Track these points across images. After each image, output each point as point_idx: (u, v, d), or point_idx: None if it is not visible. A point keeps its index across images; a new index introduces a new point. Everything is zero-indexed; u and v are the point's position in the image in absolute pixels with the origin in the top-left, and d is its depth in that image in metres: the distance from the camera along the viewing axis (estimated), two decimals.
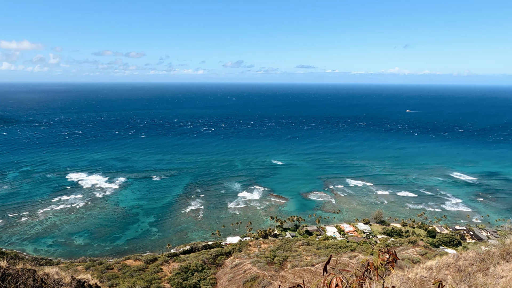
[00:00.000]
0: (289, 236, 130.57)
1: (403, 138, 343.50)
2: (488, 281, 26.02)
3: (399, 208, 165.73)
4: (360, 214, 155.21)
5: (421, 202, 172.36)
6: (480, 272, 29.85)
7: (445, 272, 34.53)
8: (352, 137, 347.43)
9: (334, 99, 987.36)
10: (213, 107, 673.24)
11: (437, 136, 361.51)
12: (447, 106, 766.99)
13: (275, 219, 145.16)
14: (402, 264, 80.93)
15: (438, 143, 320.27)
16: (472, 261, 32.57)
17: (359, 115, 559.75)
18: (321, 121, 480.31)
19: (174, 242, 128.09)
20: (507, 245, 31.48)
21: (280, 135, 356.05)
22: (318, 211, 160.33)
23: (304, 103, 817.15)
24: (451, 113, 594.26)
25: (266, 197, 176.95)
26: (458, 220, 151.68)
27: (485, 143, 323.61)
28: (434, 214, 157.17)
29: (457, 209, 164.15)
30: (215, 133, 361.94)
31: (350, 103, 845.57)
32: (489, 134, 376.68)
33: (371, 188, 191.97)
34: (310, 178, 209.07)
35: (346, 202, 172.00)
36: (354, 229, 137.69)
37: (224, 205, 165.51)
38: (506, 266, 27.04)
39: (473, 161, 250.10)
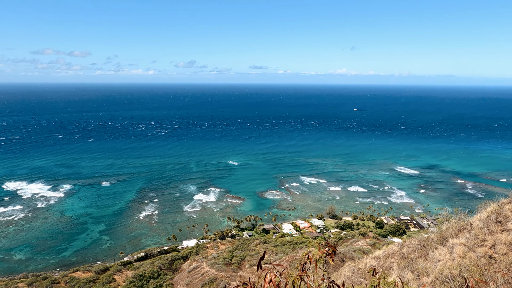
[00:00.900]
0: (247, 235, 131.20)
1: (353, 136, 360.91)
2: (427, 265, 28.32)
3: (350, 203, 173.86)
4: (314, 210, 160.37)
5: (370, 196, 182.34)
6: (421, 257, 32.37)
7: (391, 260, 36.93)
8: (306, 136, 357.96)
9: (287, 99, 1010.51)
10: (166, 108, 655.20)
11: (383, 133, 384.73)
12: (390, 104, 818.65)
13: (232, 219, 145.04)
14: (354, 255, 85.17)
15: (385, 139, 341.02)
16: (414, 248, 35.20)
17: (311, 114, 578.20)
18: (276, 121, 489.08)
19: (128, 250, 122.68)
20: (443, 231, 34.46)
21: (236, 136, 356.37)
22: (274, 209, 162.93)
23: (258, 103, 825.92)
24: (394, 111, 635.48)
25: (223, 198, 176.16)
26: (402, 211, 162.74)
27: (424, 138, 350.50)
28: (381, 207, 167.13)
29: (402, 201, 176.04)
30: (169, 135, 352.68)
31: (302, 103, 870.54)
32: (428, 130, 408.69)
33: (324, 184, 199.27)
34: (266, 177, 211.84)
35: (301, 199, 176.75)
36: (309, 225, 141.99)
37: (179, 208, 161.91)
38: (443, 250, 29.60)
39: (415, 156, 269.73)
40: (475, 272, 20.85)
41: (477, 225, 27.64)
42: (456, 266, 22.87)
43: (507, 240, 23.26)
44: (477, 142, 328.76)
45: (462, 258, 24.19)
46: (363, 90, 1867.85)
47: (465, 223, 32.48)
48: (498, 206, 28.27)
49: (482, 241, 24.93)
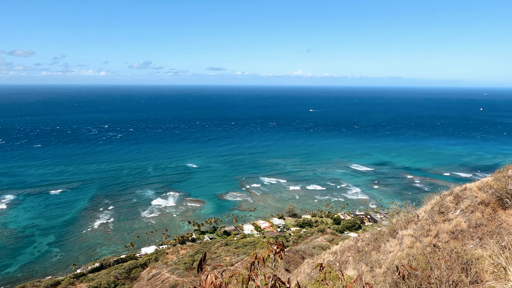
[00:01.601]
0: (208, 238, 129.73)
1: (311, 136, 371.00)
2: (380, 257, 29.87)
3: (309, 201, 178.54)
4: (274, 210, 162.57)
5: (327, 193, 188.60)
6: (375, 250, 34.08)
7: (347, 254, 38.47)
8: (266, 137, 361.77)
9: (246, 101, 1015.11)
10: (120, 111, 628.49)
11: (339, 132, 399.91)
12: (344, 105, 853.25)
13: (193, 223, 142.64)
14: (313, 252, 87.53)
15: (341, 139, 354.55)
16: (368, 241, 36.98)
17: (270, 115, 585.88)
18: (235, 122, 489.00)
19: (81, 261, 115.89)
20: (394, 223, 36.56)
21: (196, 138, 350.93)
22: (235, 210, 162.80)
23: (217, 105, 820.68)
24: (348, 111, 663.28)
25: (182, 202, 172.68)
26: (358, 207, 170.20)
27: (377, 137, 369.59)
28: (338, 203, 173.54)
29: (357, 197, 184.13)
30: (124, 139, 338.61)
31: (261, 104, 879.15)
32: (379, 129, 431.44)
33: (284, 184, 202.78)
34: (226, 179, 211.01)
35: (261, 199, 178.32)
36: (270, 224, 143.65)
37: (136, 214, 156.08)
38: (393, 241, 31.41)
39: (368, 154, 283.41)
40: (421, 260, 22.35)
41: (423, 216, 29.74)
42: (405, 256, 24.37)
43: (449, 229, 25.27)
44: (423, 139, 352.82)
45: (410, 248, 25.91)
46: (319, 91, 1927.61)
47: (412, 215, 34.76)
48: (440, 198, 30.63)
49: (427, 231, 26.86)
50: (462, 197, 27.98)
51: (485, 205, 25.45)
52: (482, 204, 25.66)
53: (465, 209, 26.17)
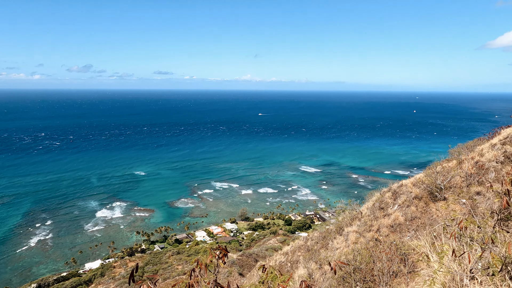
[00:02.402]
0: (158, 248, 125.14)
1: (263, 140, 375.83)
2: (328, 254, 31.10)
3: (261, 204, 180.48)
4: (227, 215, 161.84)
5: (278, 196, 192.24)
6: (323, 248, 35.40)
7: (298, 254, 39.50)
8: (217, 142, 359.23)
9: (195, 105, 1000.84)
10: (58, 117, 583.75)
11: (289, 135, 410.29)
12: (292, 109, 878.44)
13: (142, 233, 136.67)
14: (266, 254, 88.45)
15: (290, 142, 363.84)
16: (317, 240, 38.33)
17: (220, 119, 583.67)
18: (185, 127, 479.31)
19: (14, 283, 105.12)
20: (340, 221, 38.31)
21: (144, 145, 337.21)
22: (186, 217, 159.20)
23: (165, 110, 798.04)
24: (296, 115, 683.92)
25: (130, 212, 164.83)
26: (308, 207, 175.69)
27: (324, 139, 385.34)
28: (289, 205, 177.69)
29: (307, 198, 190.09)
30: (64, 148, 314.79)
31: (210, 108, 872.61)
32: (326, 131, 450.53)
33: (236, 188, 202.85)
34: (177, 186, 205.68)
35: (213, 205, 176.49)
36: (223, 229, 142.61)
37: (79, 228, 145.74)
38: (340, 238, 32.91)
39: (317, 155, 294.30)
40: (365, 254, 23.68)
41: (366, 213, 31.61)
42: (350, 252, 25.65)
43: (388, 223, 27.13)
44: (365, 140, 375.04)
45: (355, 244, 27.36)
46: (267, 95, 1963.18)
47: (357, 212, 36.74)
48: (380, 195, 32.80)
49: (369, 226, 28.58)
50: (399, 193, 30.26)
51: (419, 199, 27.79)
52: (416, 198, 27.97)
53: (402, 204, 28.33)
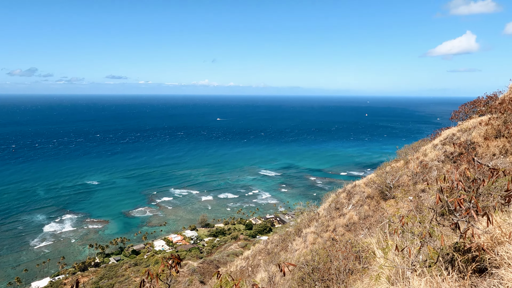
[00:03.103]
0: (114, 261, 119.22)
1: (223, 145, 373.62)
2: (288, 256, 31.59)
3: (221, 209, 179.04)
4: (187, 222, 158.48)
5: (239, 200, 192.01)
6: (283, 250, 35.91)
7: (258, 258, 39.68)
8: (176, 148, 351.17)
9: (152, 111, 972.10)
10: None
11: (248, 140, 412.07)
12: (251, 113, 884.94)
13: (96, 246, 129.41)
14: (227, 260, 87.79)
15: (250, 146, 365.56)
16: (277, 242, 38.79)
17: (178, 125, 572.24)
18: (142, 133, 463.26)
19: None
20: (299, 223, 39.13)
21: (98, 153, 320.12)
22: (144, 227, 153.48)
23: (120, 115, 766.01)
24: (255, 120, 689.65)
25: (82, 224, 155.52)
26: (268, 210, 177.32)
27: (283, 143, 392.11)
28: (250, 209, 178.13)
29: (267, 201, 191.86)
30: (5, 158, 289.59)
31: (167, 113, 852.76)
32: (285, 135, 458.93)
33: (196, 195, 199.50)
34: (134, 195, 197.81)
35: (172, 213, 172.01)
36: (182, 237, 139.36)
37: (24, 244, 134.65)
38: (299, 240, 33.59)
39: (276, 159, 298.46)
40: (322, 254, 24.40)
41: (323, 214, 32.62)
42: (309, 252, 26.28)
43: (344, 222, 28.23)
44: (322, 143, 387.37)
45: (313, 244, 28.11)
46: (225, 100, 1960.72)
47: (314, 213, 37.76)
48: (336, 196, 34.08)
49: (326, 226, 29.53)
50: (353, 193, 31.63)
51: (371, 199, 29.24)
52: (368, 198, 29.40)
53: (355, 204, 29.63)
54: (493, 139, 26.58)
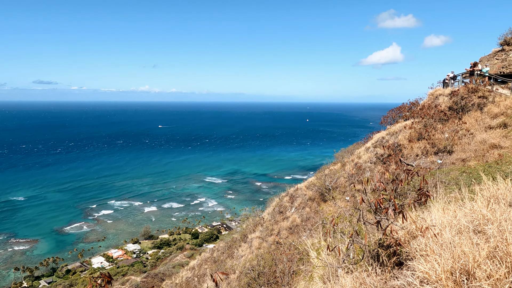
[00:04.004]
0: (45, 283, 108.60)
1: (167, 153, 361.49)
2: (234, 263, 31.55)
3: (166, 220, 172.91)
4: (128, 235, 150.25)
5: (184, 209, 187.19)
6: (229, 257, 35.78)
7: (204, 267, 39.02)
8: (116, 158, 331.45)
9: (87, 118, 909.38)
10: None
11: (193, 147, 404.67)
12: (194, 120, 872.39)
13: (22, 269, 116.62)
14: (173, 271, 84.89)
15: (195, 154, 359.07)
16: (223, 250, 38.53)
17: (117, 133, 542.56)
18: (76, 143, 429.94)
19: None
20: (244, 229, 39.34)
21: (26, 165, 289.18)
22: (80, 244, 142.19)
23: (51, 124, 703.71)
24: (199, 126, 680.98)
25: (5, 245, 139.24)
26: (214, 218, 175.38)
27: (228, 149, 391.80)
28: (195, 217, 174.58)
29: (213, 209, 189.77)
30: None
31: (104, 121, 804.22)
32: (230, 141, 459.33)
33: (138, 206, 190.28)
34: (68, 209, 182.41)
35: (112, 226, 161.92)
36: (124, 252, 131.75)
37: None
38: (244, 246, 33.75)
39: (222, 166, 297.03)
40: (267, 258, 24.80)
41: (267, 218, 33.22)
42: (254, 257, 26.53)
43: (287, 226, 29.04)
44: (267, 148, 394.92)
45: (258, 249, 28.44)
46: (167, 106, 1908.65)
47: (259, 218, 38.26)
48: (279, 200, 34.96)
49: (271, 230, 30.09)
50: (296, 196, 32.73)
51: (312, 201, 30.51)
52: (310, 200, 30.64)
53: (298, 207, 30.67)
54: (416, 141, 29.45)
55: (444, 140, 27.06)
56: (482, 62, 37.03)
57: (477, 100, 30.60)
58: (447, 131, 27.96)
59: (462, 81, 35.09)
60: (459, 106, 31.55)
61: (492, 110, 27.79)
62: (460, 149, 25.44)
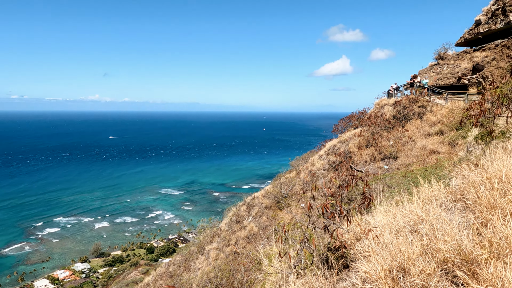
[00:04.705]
0: None
1: (121, 165, 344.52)
2: (191, 276, 30.76)
3: (118, 235, 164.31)
4: (77, 254, 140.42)
5: (139, 224, 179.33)
6: (186, 270, 34.82)
7: (160, 282, 37.54)
8: (64, 171, 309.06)
9: (29, 129, 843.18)
10: None
11: (148, 158, 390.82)
12: (149, 130, 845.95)
13: None
14: None
15: (151, 165, 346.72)
16: (179, 263, 37.41)
17: (64, 145, 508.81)
18: (16, 156, 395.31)
19: None
20: (201, 240, 38.62)
21: None
22: (20, 266, 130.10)
23: None
24: (154, 136, 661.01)
25: None
26: (171, 231, 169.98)
27: (185, 159, 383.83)
28: (150, 231, 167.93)
29: (169, 221, 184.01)
30: None
31: (49, 132, 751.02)
32: (186, 151, 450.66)
33: (88, 222, 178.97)
34: (6, 229, 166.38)
35: (58, 245, 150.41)
36: (71, 272, 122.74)
37: None
38: (201, 258, 33.06)
39: (178, 177, 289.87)
40: (225, 269, 24.49)
41: (224, 228, 32.90)
42: (212, 269, 26.08)
43: (244, 235, 28.98)
44: (225, 158, 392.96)
45: (216, 260, 28.00)
46: (120, 116, 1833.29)
47: (217, 229, 37.80)
48: (236, 209, 34.87)
49: (228, 241, 29.82)
50: (252, 205, 32.84)
51: (269, 209, 30.81)
52: (266, 208, 30.91)
53: (255, 215, 30.78)
54: (365, 148, 31.09)
55: (389, 147, 28.86)
56: (421, 75, 40.30)
57: (418, 110, 33.15)
58: (392, 138, 29.87)
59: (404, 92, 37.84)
60: (402, 115, 33.93)
61: (430, 119, 30.22)
62: (404, 155, 27.30)
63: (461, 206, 5.98)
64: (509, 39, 29.99)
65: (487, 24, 33.78)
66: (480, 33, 34.44)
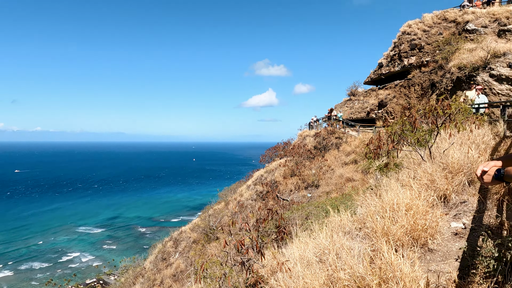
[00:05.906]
0: None
1: (30, 202, 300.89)
2: None
3: (23, 285, 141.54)
4: None
5: (50, 269, 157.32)
6: None
7: None
8: None
9: None
10: None
11: (63, 194, 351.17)
12: (66, 162, 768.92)
13: None
14: None
15: (68, 201, 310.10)
16: None
17: None
18: None
19: None
20: (123, 282, 35.45)
21: None
22: None
23: None
24: (72, 169, 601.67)
25: None
26: (89, 274, 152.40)
27: (107, 193, 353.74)
28: (64, 276, 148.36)
29: (87, 264, 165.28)
30: None
31: None
32: (109, 184, 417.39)
33: None
34: None
35: None
36: None
37: None
38: None
39: (99, 213, 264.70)
40: None
41: (149, 267, 30.79)
42: None
43: (171, 273, 27.45)
44: (153, 190, 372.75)
45: None
46: (30, 147, 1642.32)
47: (141, 268, 35.14)
48: (163, 246, 33.05)
49: (153, 281, 27.92)
50: (180, 240, 31.53)
51: (197, 243, 29.86)
52: (194, 242, 29.92)
53: (182, 251, 29.53)
54: (290, 178, 32.53)
55: (312, 176, 30.66)
56: (336, 109, 44.38)
57: (335, 140, 36.13)
58: (314, 167, 31.83)
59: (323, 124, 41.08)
60: (322, 145, 36.59)
61: (346, 149, 33.10)
62: (324, 183, 29.19)
63: (363, 234, 6.62)
64: (405, 80, 35.00)
65: (387, 66, 39.09)
66: (383, 74, 39.62)
